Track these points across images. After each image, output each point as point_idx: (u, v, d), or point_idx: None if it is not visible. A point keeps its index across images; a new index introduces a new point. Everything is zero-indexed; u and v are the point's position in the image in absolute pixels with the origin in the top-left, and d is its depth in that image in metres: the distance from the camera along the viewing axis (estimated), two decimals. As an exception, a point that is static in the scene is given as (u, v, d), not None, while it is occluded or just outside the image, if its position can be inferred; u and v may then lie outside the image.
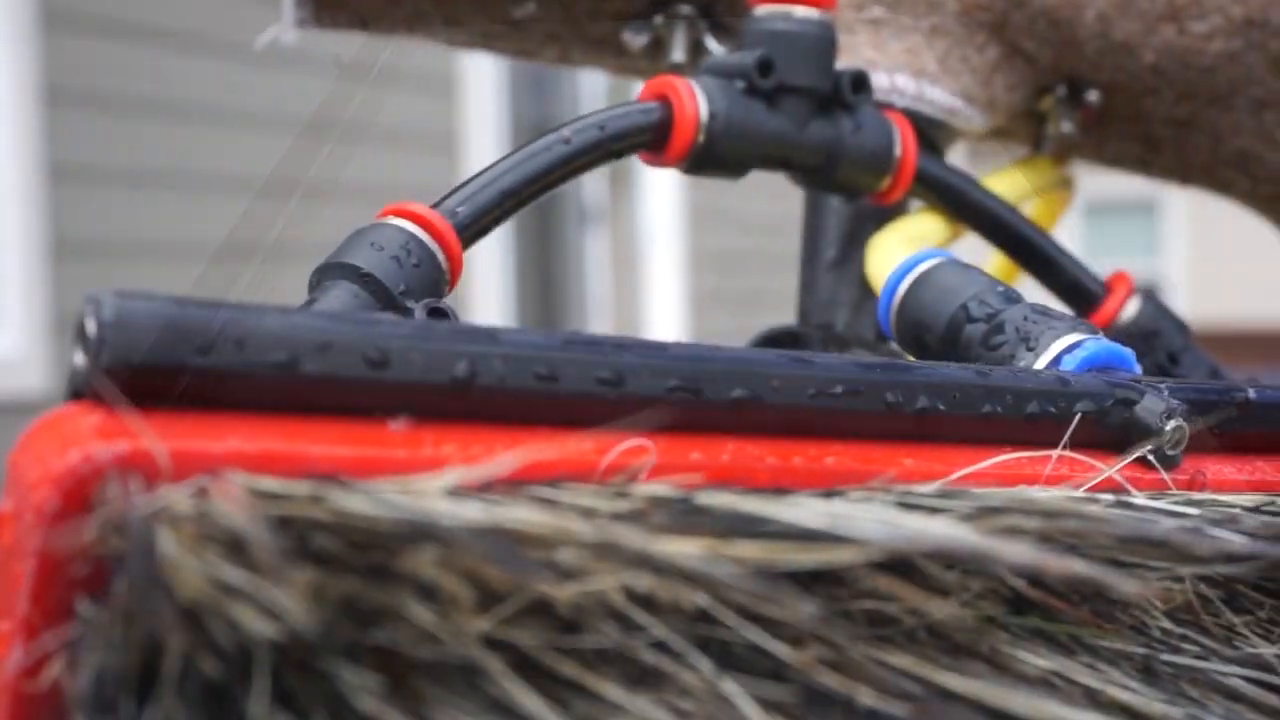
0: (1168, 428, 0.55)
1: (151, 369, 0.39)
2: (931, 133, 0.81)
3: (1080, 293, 0.81)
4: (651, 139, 0.70)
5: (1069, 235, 10.71)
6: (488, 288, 5.05)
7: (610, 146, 0.69)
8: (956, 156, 0.93)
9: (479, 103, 4.97)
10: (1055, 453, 0.51)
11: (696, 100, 0.70)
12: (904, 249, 0.72)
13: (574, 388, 0.46)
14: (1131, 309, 0.81)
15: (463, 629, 0.36)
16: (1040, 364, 0.60)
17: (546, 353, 0.46)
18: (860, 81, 0.73)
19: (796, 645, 0.39)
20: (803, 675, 0.38)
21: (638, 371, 0.47)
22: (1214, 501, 0.50)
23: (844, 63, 0.79)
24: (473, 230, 0.65)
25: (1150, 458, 0.53)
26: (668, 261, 6.01)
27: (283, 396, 0.42)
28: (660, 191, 5.89)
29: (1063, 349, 0.59)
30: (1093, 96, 0.84)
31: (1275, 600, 0.50)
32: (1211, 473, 0.57)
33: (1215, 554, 0.41)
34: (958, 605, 0.43)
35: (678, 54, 0.83)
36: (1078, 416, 0.53)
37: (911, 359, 0.66)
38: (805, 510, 0.38)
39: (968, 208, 0.78)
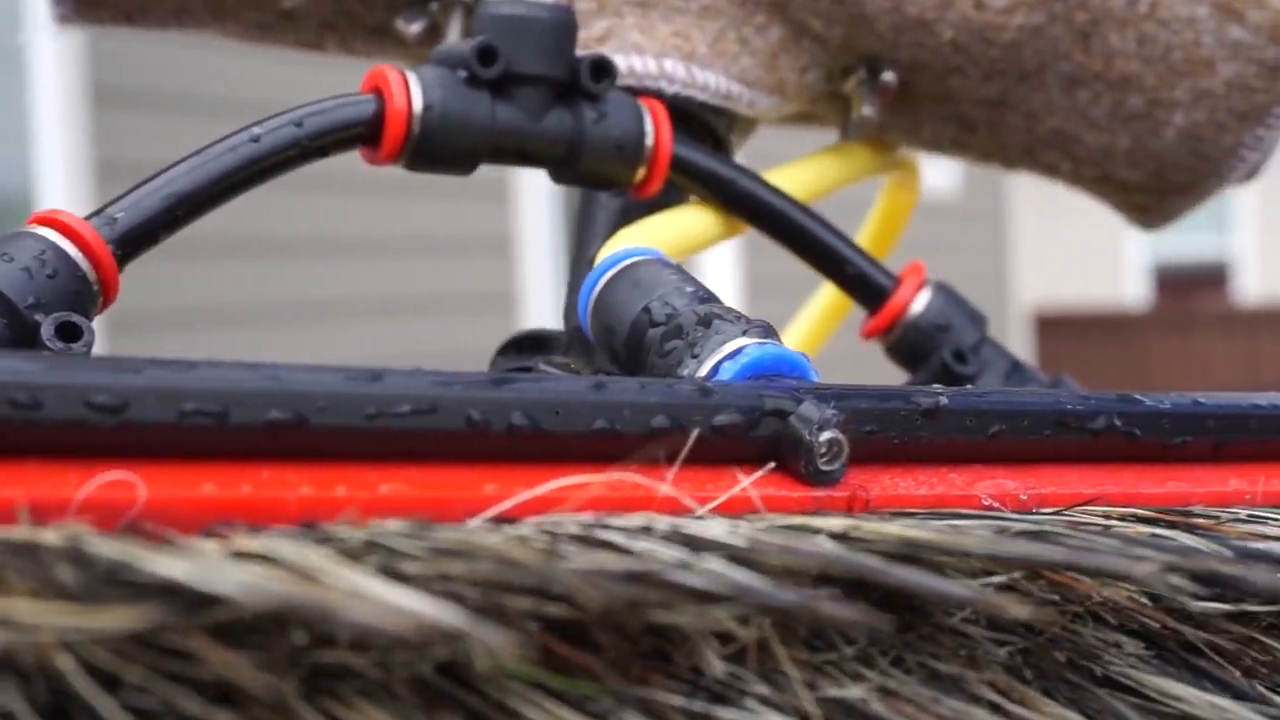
0: (820, 439, 0.50)
1: None
2: (711, 120, 0.76)
3: (867, 287, 0.75)
4: (364, 134, 0.66)
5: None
6: (540, 277, 5.03)
7: (310, 144, 0.64)
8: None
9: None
10: (633, 476, 0.47)
11: (409, 92, 0.66)
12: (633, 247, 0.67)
13: (61, 415, 0.42)
14: (921, 303, 0.75)
15: None
16: (701, 372, 0.55)
17: (28, 377, 0.42)
18: (601, 68, 0.69)
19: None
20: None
21: (144, 396, 0.43)
22: (803, 526, 0.45)
23: (610, 47, 0.74)
24: (135, 238, 0.61)
25: (735, 476, 0.48)
26: (724, 246, 5.95)
27: None
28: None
29: (723, 356, 0.55)
30: (889, 77, 0.78)
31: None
32: (884, 487, 0.53)
33: (599, 603, 0.36)
34: (451, 654, 0.38)
35: (454, 41, 0.79)
36: (695, 433, 0.49)
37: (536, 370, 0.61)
38: (180, 559, 0.34)
39: (738, 200, 0.73)
